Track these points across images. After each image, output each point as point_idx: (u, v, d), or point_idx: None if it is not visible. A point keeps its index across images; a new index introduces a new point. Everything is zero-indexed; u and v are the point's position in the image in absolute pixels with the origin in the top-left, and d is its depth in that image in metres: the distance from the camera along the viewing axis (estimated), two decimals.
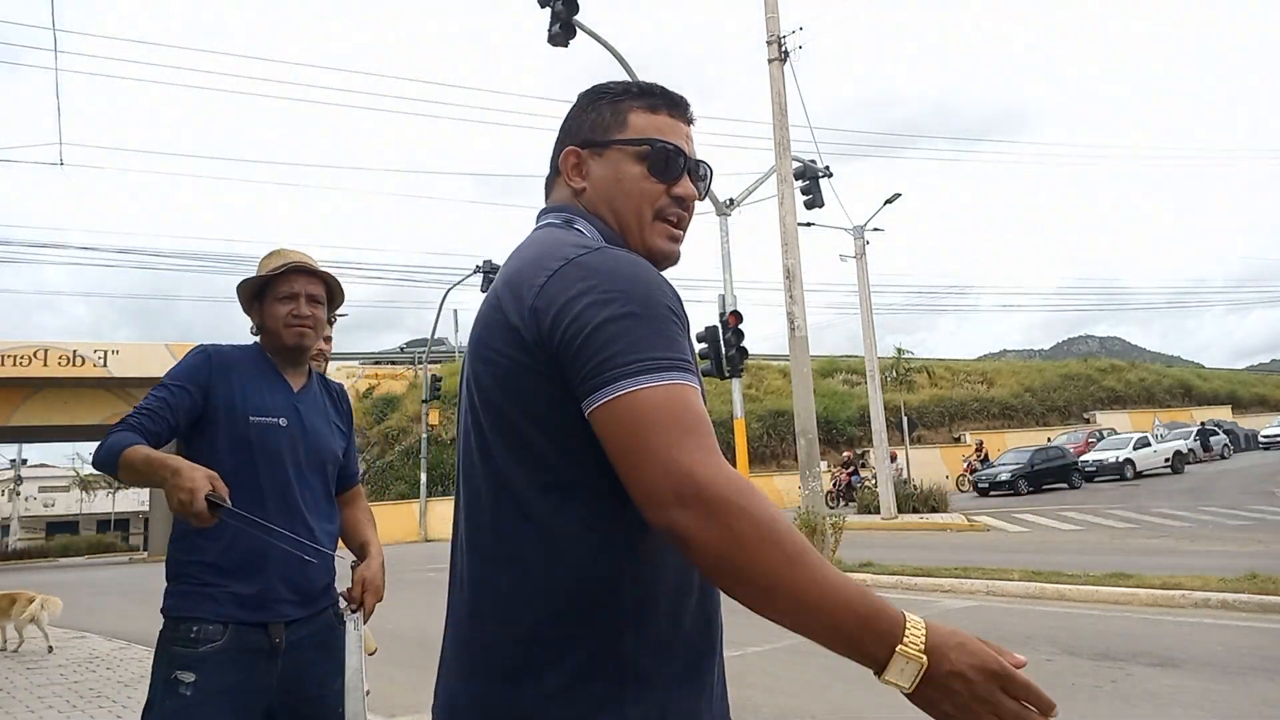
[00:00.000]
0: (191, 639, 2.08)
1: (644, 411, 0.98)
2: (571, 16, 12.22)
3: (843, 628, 0.95)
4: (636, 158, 1.23)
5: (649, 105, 1.26)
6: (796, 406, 14.10)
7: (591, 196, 1.25)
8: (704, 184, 1.32)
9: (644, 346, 1.01)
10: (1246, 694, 4.98)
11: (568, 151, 1.27)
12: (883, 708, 5.06)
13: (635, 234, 1.23)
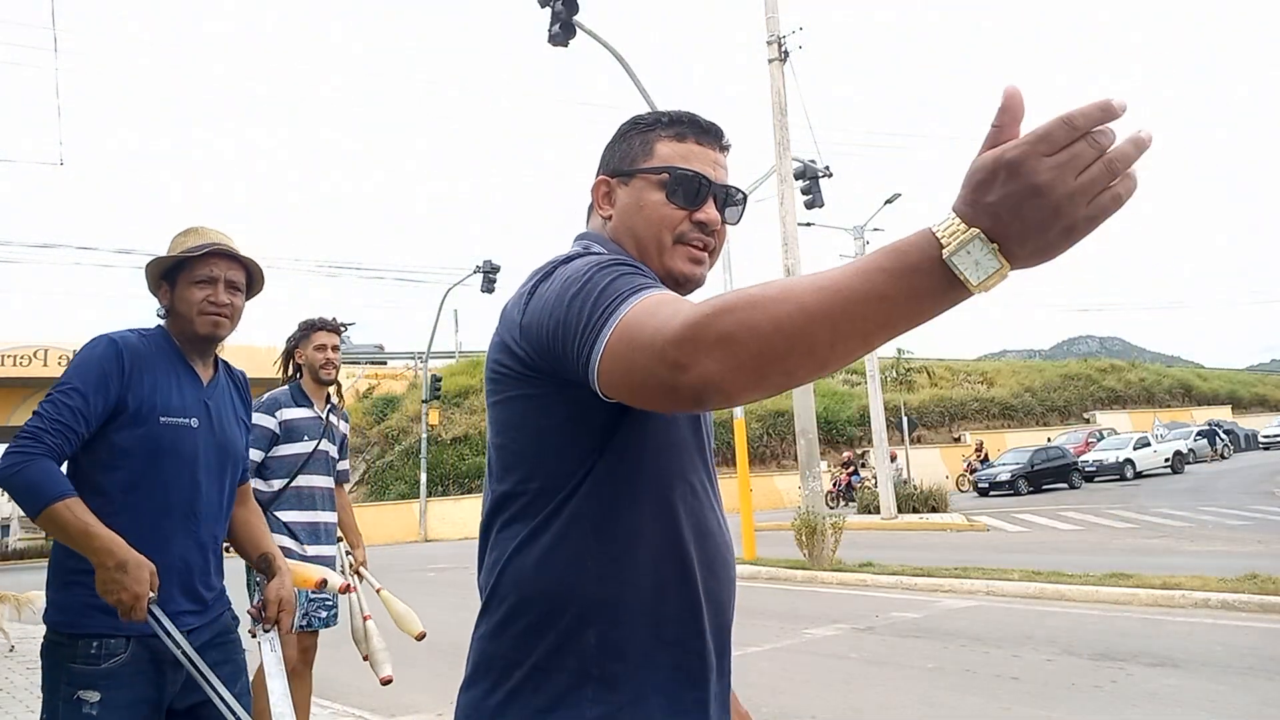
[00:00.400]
0: (92, 655, 1.98)
1: (623, 339, 0.95)
2: (571, 16, 12.22)
3: (890, 293, 0.80)
4: (658, 185, 1.26)
5: (676, 134, 1.29)
6: (796, 406, 14.10)
7: (617, 224, 1.29)
8: (737, 209, 1.33)
9: (604, 297, 1.00)
10: (1246, 694, 4.98)
11: (598, 181, 1.33)
12: (883, 708, 5.07)
13: (655, 258, 1.25)
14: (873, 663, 6.25)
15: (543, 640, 1.10)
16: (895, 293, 0.80)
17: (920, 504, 20.69)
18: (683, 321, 0.87)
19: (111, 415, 2.05)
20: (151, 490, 2.06)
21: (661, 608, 1.13)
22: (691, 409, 0.92)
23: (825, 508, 13.62)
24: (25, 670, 7.06)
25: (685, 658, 1.14)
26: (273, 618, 2.23)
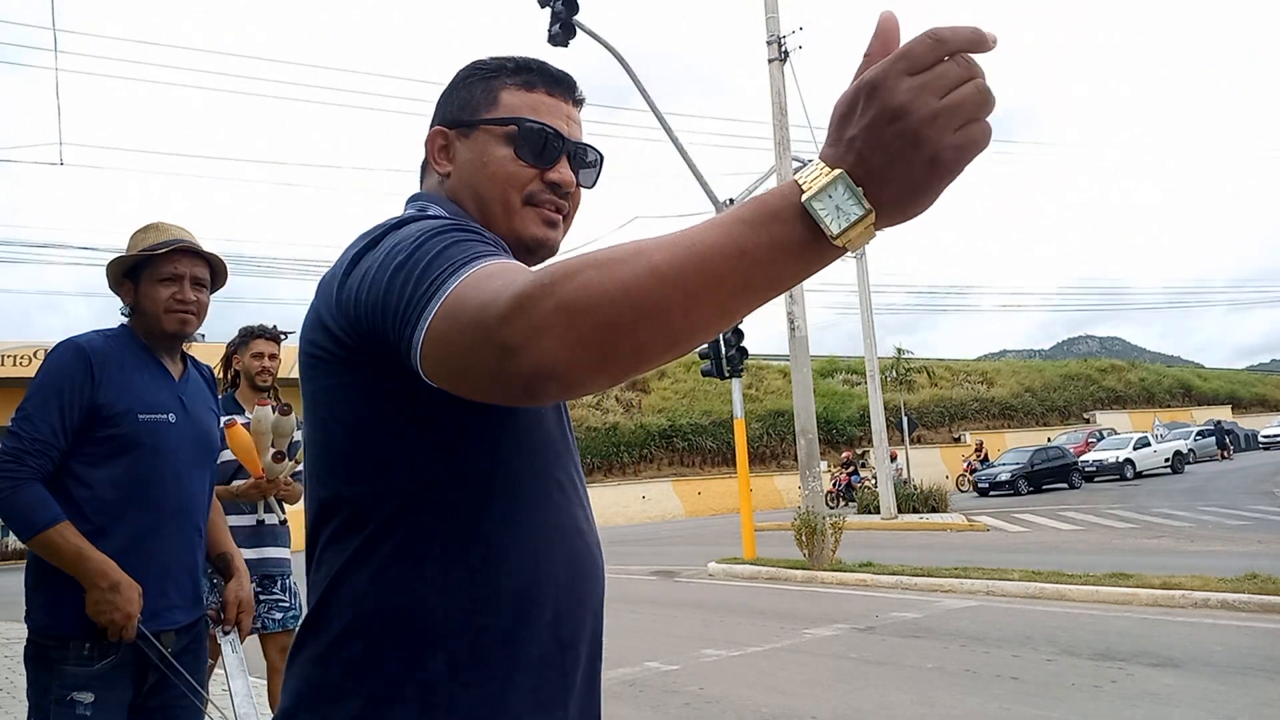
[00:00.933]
0: (85, 657, 1.99)
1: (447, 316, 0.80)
2: (571, 16, 12.22)
3: (749, 246, 0.71)
4: (505, 139, 1.11)
5: (524, 82, 1.14)
6: (796, 406, 14.10)
7: (456, 182, 1.14)
8: (593, 170, 1.19)
9: (433, 267, 0.85)
10: (1246, 694, 4.98)
11: (434, 133, 1.17)
12: (883, 708, 5.07)
13: (502, 221, 1.10)
14: (873, 663, 6.25)
15: (381, 667, 0.95)
16: (754, 246, 0.71)
17: (920, 504, 20.69)
18: (515, 292, 0.73)
19: (88, 419, 2.04)
20: (143, 489, 2.07)
21: (523, 626, 0.99)
22: (522, 401, 0.76)
23: (825, 508, 13.63)
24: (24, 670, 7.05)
25: (546, 677, 1.01)
26: (232, 619, 2.25)
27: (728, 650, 6.79)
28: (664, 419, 31.76)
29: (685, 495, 29.88)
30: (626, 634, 8.11)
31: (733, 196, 14.62)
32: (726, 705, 5.25)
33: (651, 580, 12.24)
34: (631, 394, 33.93)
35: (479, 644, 0.97)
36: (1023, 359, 65.26)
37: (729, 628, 7.97)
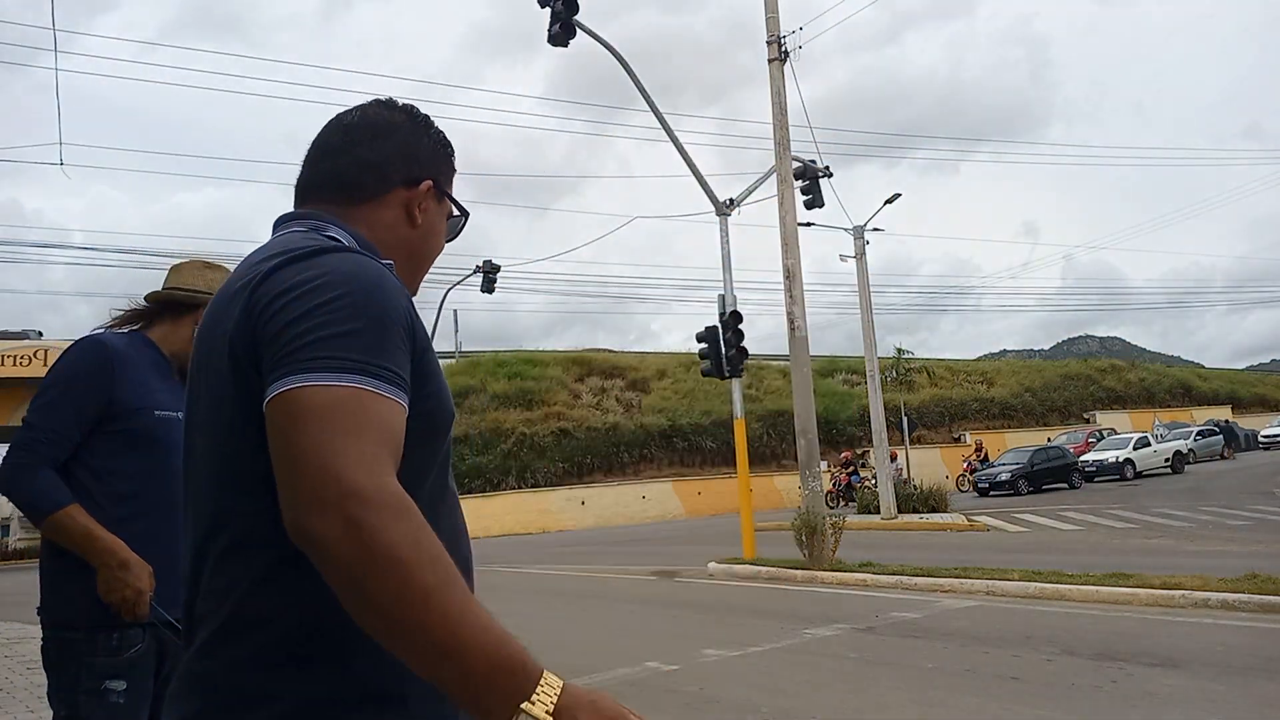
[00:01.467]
0: (114, 647, 2.04)
1: (309, 408, 0.90)
2: (571, 16, 12.23)
3: (471, 676, 0.87)
4: (448, 217, 1.26)
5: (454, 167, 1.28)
6: (796, 406, 14.10)
7: (408, 236, 1.20)
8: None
9: (338, 345, 0.94)
10: (1246, 694, 4.98)
11: (428, 186, 1.21)
12: (883, 708, 5.07)
13: (409, 277, 1.22)
14: (873, 663, 6.25)
15: (312, 669, 0.98)
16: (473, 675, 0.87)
17: (920, 504, 20.69)
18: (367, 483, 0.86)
19: (106, 413, 2.11)
20: (155, 481, 2.13)
21: None
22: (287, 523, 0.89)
23: (825, 508, 13.63)
24: (25, 670, 7.05)
25: None
26: None
27: (728, 650, 6.79)
28: (664, 419, 31.76)
29: (685, 495, 29.88)
30: (626, 634, 8.11)
31: (732, 197, 14.63)
32: (726, 705, 5.26)
33: (651, 580, 12.24)
34: (632, 394, 33.94)
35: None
36: (1023, 359, 65.25)
37: (729, 628, 7.96)
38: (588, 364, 35.45)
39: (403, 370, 0.99)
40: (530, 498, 28.30)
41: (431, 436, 1.08)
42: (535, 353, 37.73)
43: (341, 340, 0.94)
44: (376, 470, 0.89)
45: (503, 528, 27.45)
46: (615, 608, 9.68)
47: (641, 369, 36.00)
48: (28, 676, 6.76)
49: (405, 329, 1.02)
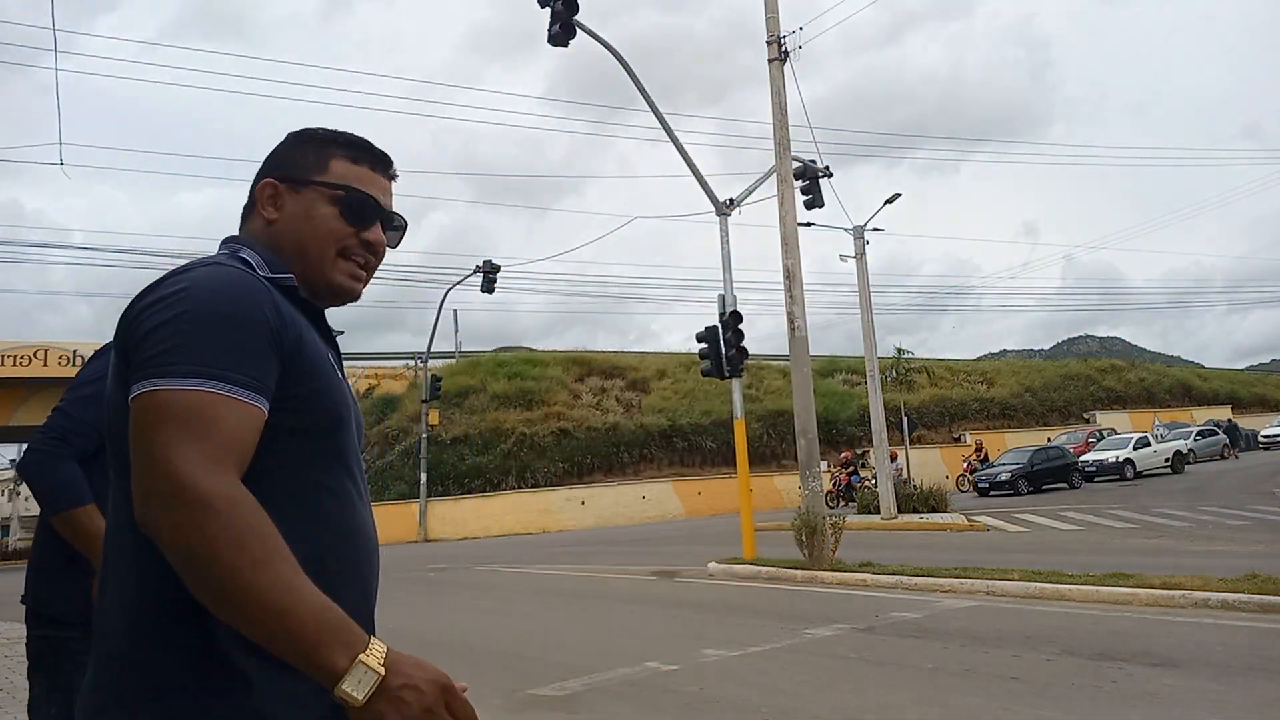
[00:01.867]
0: None
1: (154, 409, 1.05)
2: (571, 16, 12.23)
3: (304, 635, 1.00)
4: (331, 200, 1.33)
5: (352, 156, 1.36)
6: (796, 406, 14.10)
7: (281, 229, 1.33)
8: (398, 234, 1.43)
9: (189, 352, 1.08)
10: (1246, 694, 4.98)
11: (265, 183, 1.34)
12: (883, 708, 5.07)
13: (317, 268, 1.32)
14: (873, 663, 6.25)
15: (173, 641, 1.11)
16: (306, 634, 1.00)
17: (920, 504, 20.68)
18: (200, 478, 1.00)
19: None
20: None
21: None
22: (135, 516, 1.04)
23: (825, 508, 13.62)
24: (25, 670, 7.05)
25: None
26: None
27: (728, 650, 6.78)
28: (664, 419, 31.76)
29: (685, 495, 29.88)
30: (626, 634, 8.11)
31: (733, 197, 14.63)
32: (726, 705, 5.25)
33: (651, 580, 12.23)
34: (632, 394, 33.93)
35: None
36: (1023, 359, 65.21)
37: (729, 628, 7.96)
38: (588, 364, 35.45)
39: (257, 372, 1.12)
40: (530, 498, 28.29)
41: (312, 433, 1.21)
42: (535, 353, 37.74)
43: (193, 347, 1.08)
44: (208, 464, 1.02)
45: (503, 528, 27.45)
46: (615, 608, 9.68)
47: (641, 369, 36.00)
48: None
49: (267, 333, 1.15)
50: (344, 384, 1.30)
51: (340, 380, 1.28)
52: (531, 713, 5.29)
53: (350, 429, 1.28)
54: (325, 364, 1.24)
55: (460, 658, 6.87)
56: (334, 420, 1.23)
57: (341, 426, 1.25)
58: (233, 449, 1.06)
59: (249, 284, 1.17)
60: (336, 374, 1.28)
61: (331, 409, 1.23)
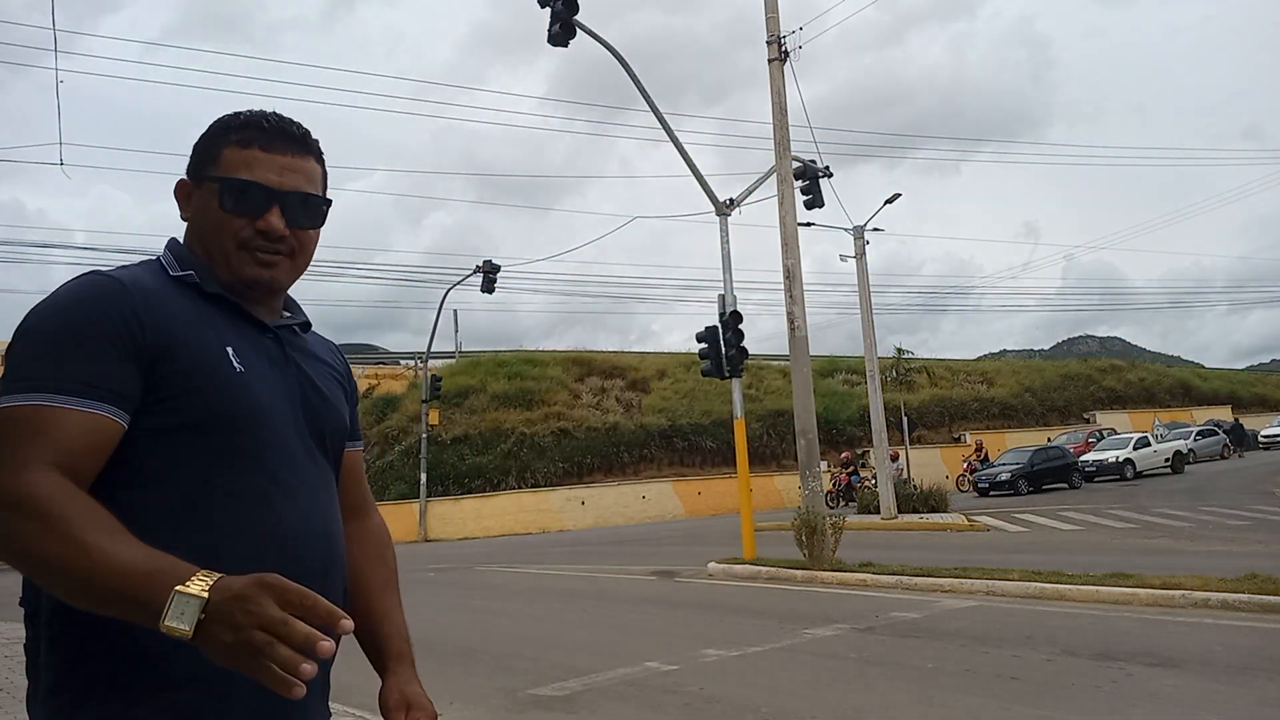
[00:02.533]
0: None
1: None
2: (571, 16, 12.23)
3: (126, 586, 0.99)
4: (216, 193, 1.28)
5: (241, 140, 1.29)
6: (796, 406, 14.10)
7: (191, 226, 1.33)
8: (317, 212, 1.35)
9: (12, 366, 1.13)
10: (1246, 694, 4.98)
11: (179, 182, 1.34)
12: (883, 708, 5.07)
13: (222, 264, 1.29)
14: (873, 663, 6.25)
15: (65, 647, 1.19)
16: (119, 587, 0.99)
17: (920, 504, 20.68)
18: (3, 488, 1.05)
19: None
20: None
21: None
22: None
23: (825, 508, 13.62)
24: (25, 670, 7.06)
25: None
26: None
27: (728, 650, 6.79)
28: (664, 419, 31.75)
29: (685, 495, 29.88)
30: (626, 634, 8.11)
31: (733, 197, 14.63)
32: (726, 705, 5.25)
33: (651, 580, 12.24)
34: (632, 394, 33.93)
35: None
36: (1023, 359, 65.17)
37: (729, 628, 7.96)
38: (588, 364, 35.44)
39: (92, 377, 1.13)
40: (530, 498, 28.29)
41: (196, 432, 1.19)
42: (535, 353, 37.75)
43: (21, 364, 1.13)
44: (14, 472, 1.05)
45: (503, 528, 27.45)
46: (615, 608, 9.68)
47: (641, 369, 35.99)
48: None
49: (112, 338, 1.15)
50: (249, 379, 1.24)
51: (234, 375, 1.22)
52: (531, 713, 5.29)
53: (264, 425, 1.23)
54: (214, 361, 1.20)
55: (460, 658, 6.87)
56: (226, 419, 1.19)
57: (234, 424, 1.20)
58: (55, 452, 1.08)
59: (94, 293, 1.18)
60: (228, 371, 1.21)
61: (220, 407, 1.19)
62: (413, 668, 1.45)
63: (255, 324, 1.31)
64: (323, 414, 1.35)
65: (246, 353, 1.26)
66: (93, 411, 1.11)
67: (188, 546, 1.08)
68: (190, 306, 1.24)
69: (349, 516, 1.44)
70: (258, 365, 1.27)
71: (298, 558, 1.22)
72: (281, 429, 1.26)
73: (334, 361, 1.47)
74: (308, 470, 1.29)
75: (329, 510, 1.33)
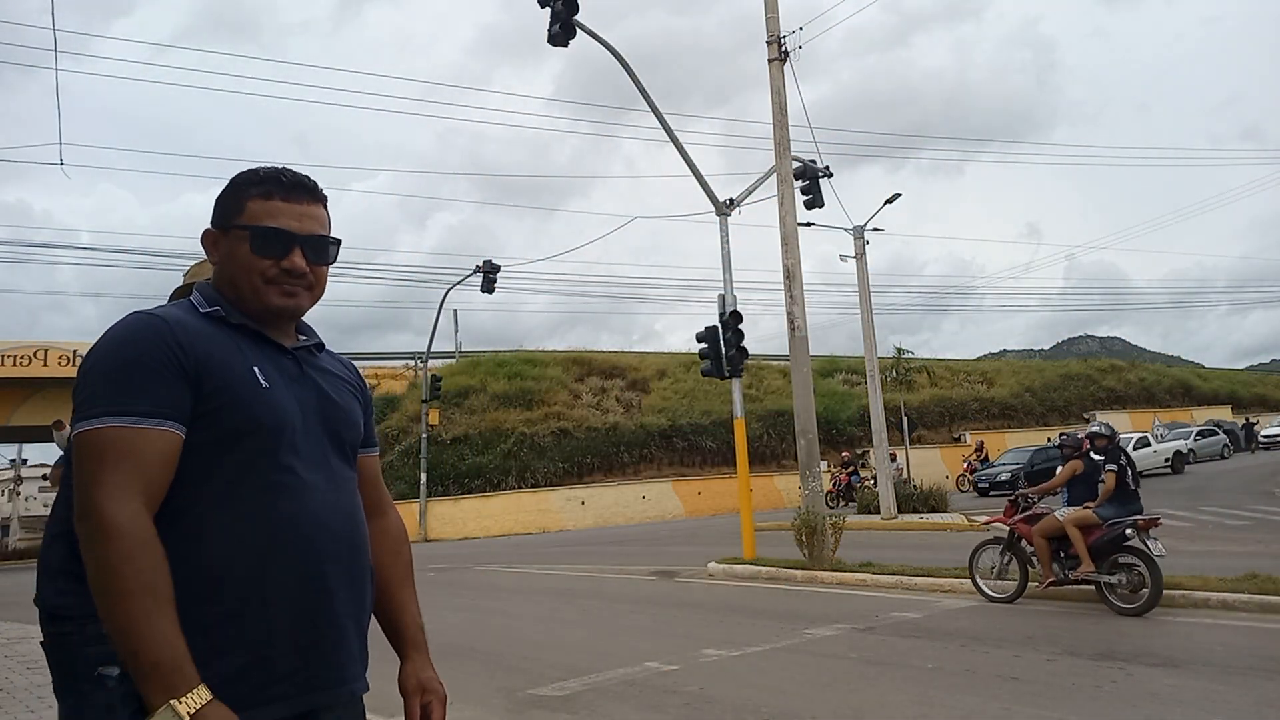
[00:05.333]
0: (105, 636, 2.14)
1: (79, 448, 1.34)
2: (571, 16, 12.22)
3: (139, 663, 1.24)
4: (246, 239, 1.51)
5: (263, 193, 1.53)
6: (796, 406, 14.10)
7: (221, 269, 1.55)
8: (329, 250, 1.59)
9: (89, 396, 1.36)
10: (1246, 694, 4.98)
11: (205, 232, 1.57)
12: (883, 708, 5.07)
13: (251, 298, 1.52)
14: (873, 663, 6.25)
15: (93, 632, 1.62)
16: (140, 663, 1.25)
17: (920, 504, 20.67)
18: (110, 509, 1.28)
19: None
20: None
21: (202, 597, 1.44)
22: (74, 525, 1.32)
23: (825, 508, 13.62)
24: (25, 670, 7.05)
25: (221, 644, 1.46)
26: None
27: (728, 650, 6.79)
28: (664, 419, 31.74)
29: (685, 495, 29.87)
30: (626, 634, 8.11)
31: (733, 197, 14.62)
32: (726, 705, 5.25)
33: (651, 580, 12.23)
34: (631, 394, 33.93)
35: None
36: (1023, 359, 65.16)
37: (729, 628, 7.96)
38: (588, 364, 35.43)
39: (161, 400, 1.36)
40: (530, 498, 28.29)
41: (230, 440, 1.41)
42: (535, 353, 37.73)
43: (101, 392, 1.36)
44: (118, 497, 1.29)
45: (503, 528, 27.45)
46: (615, 608, 9.67)
47: (641, 369, 35.98)
48: (28, 676, 6.75)
49: (168, 364, 1.38)
50: (274, 393, 1.46)
51: (260, 390, 1.45)
52: (531, 713, 5.29)
53: (286, 431, 1.45)
54: (243, 378, 1.44)
55: (460, 658, 6.87)
56: (255, 425, 1.42)
57: (262, 431, 1.43)
58: (140, 474, 1.31)
59: (141, 328, 1.41)
60: (254, 386, 1.44)
61: (250, 416, 1.42)
62: (427, 654, 1.69)
63: (276, 347, 1.55)
64: (339, 420, 1.57)
65: (270, 371, 1.49)
66: (162, 429, 1.35)
67: (223, 536, 1.37)
68: (219, 335, 1.47)
69: (369, 516, 1.65)
70: (280, 381, 1.49)
71: (319, 541, 1.44)
72: (303, 434, 1.48)
73: (348, 376, 1.69)
74: (327, 469, 1.51)
75: (350, 503, 1.54)
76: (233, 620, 1.35)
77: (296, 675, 1.40)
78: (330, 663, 1.45)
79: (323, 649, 1.44)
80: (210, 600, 1.34)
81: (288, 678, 1.38)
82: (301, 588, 1.41)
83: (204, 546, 1.36)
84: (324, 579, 1.44)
